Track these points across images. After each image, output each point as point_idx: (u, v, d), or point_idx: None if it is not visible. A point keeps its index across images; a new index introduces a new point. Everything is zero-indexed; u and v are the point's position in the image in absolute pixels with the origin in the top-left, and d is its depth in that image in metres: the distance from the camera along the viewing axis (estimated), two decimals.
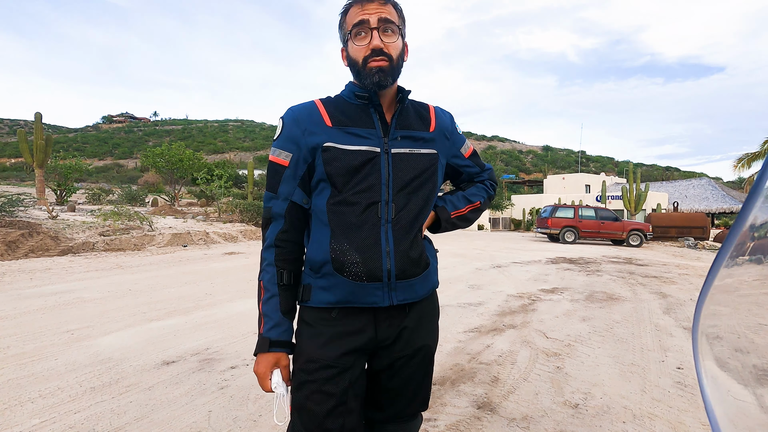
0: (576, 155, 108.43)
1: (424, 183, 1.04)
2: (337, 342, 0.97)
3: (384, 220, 0.97)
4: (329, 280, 0.97)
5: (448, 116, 1.15)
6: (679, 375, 2.73)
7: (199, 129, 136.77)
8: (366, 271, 0.95)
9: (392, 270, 0.96)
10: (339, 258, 0.95)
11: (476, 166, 1.21)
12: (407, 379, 1.06)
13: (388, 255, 0.96)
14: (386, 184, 0.98)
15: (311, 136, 0.99)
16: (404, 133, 1.03)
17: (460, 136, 1.17)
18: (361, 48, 0.97)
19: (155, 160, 23.14)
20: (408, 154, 1.02)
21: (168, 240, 10.36)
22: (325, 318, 0.99)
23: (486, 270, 7.67)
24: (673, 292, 5.77)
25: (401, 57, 1.00)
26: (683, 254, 12.87)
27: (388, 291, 0.97)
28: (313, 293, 1.00)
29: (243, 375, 2.57)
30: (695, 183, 34.94)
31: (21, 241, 7.97)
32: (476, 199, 1.19)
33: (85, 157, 65.04)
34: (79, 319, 3.75)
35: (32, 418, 2.00)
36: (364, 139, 0.99)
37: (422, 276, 1.03)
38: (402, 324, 1.02)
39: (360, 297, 0.97)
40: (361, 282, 0.95)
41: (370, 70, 0.96)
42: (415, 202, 1.02)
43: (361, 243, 0.96)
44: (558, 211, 16.96)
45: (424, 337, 1.07)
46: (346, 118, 1.01)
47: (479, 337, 3.48)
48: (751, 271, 0.58)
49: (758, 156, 21.50)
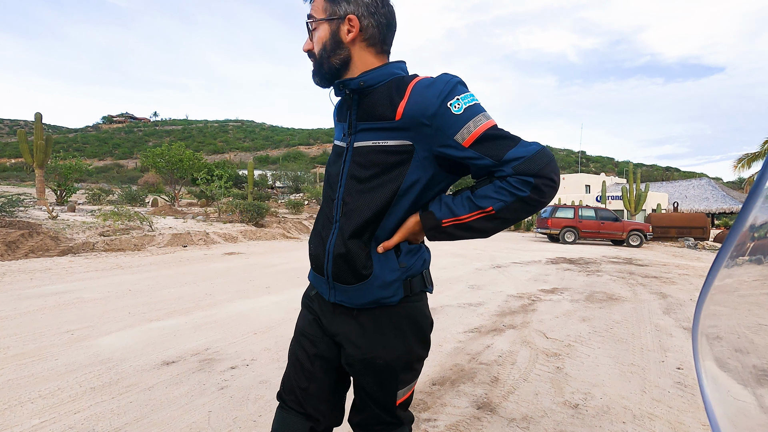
0: (576, 155, 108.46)
1: (387, 182, 0.90)
2: (308, 315, 1.09)
3: (335, 218, 0.97)
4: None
5: (435, 91, 0.85)
6: (679, 375, 2.73)
7: (199, 129, 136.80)
8: (315, 265, 1.03)
9: (329, 270, 0.97)
10: (309, 245, 1.07)
11: (486, 158, 0.85)
12: (367, 387, 1.01)
13: (327, 255, 0.97)
14: (340, 180, 0.96)
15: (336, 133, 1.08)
16: (365, 125, 0.93)
17: (453, 118, 0.84)
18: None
19: (155, 160, 23.14)
20: (370, 147, 0.91)
21: (168, 240, 10.36)
22: (308, 293, 1.11)
23: (486, 270, 7.67)
24: (673, 293, 5.77)
25: (326, 44, 0.97)
26: (683, 254, 12.86)
27: (328, 288, 1.00)
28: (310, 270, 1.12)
29: (243, 375, 2.57)
30: (695, 183, 34.93)
31: (21, 241, 7.97)
32: (487, 204, 0.86)
33: (85, 157, 65.09)
34: (79, 319, 3.75)
35: (32, 419, 2.00)
36: (340, 134, 1.02)
37: (356, 287, 0.93)
38: (344, 326, 0.99)
39: (317, 284, 1.05)
40: (315, 272, 1.04)
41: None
42: (368, 203, 0.90)
43: (317, 237, 1.03)
44: (558, 212, 16.95)
45: (379, 349, 0.96)
46: (340, 113, 1.05)
47: (479, 338, 3.48)
48: (751, 272, 0.58)
49: (758, 156, 21.49)
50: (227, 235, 12.33)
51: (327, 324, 1.03)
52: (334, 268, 0.96)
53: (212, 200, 20.79)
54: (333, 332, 1.02)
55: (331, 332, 1.02)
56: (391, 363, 0.97)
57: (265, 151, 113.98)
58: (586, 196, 32.96)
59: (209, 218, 15.54)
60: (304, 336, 1.06)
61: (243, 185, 30.78)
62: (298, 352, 1.07)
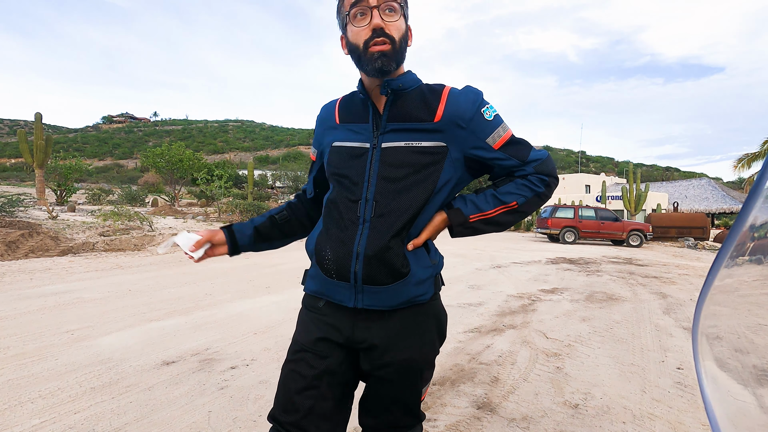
0: (576, 155, 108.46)
1: (421, 181, 0.93)
2: (315, 329, 0.99)
3: (362, 219, 0.93)
4: (315, 270, 1.02)
5: (469, 98, 0.96)
6: (679, 375, 2.73)
7: (199, 129, 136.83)
8: (335, 269, 0.94)
9: (359, 273, 0.91)
10: (320, 252, 0.98)
11: (512, 158, 0.98)
12: (392, 390, 0.99)
13: (357, 257, 0.91)
14: (368, 180, 0.94)
15: (326, 136, 1.05)
16: (398, 126, 0.95)
17: (486, 123, 0.96)
18: (360, 30, 0.90)
19: (155, 160, 23.14)
20: (403, 147, 0.94)
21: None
22: (313, 305, 1.02)
23: (486, 270, 7.67)
24: (673, 293, 5.77)
25: (404, 40, 0.94)
26: (683, 254, 12.87)
27: (353, 293, 0.94)
28: (306, 278, 1.06)
29: (243, 375, 2.57)
30: (695, 183, 34.93)
31: (21, 241, 7.97)
32: (511, 199, 0.98)
33: (85, 157, 65.10)
34: (79, 319, 3.75)
35: (32, 419, 2.00)
36: (357, 134, 0.98)
37: (392, 286, 0.93)
38: (377, 331, 0.96)
39: (331, 292, 0.98)
40: (332, 279, 0.96)
41: (372, 55, 0.89)
42: (402, 203, 0.92)
43: (335, 240, 0.95)
44: (558, 212, 16.94)
45: (405, 350, 0.97)
46: (349, 114, 1.01)
47: (479, 338, 3.48)
48: (751, 272, 0.58)
49: (758, 156, 21.50)
50: None
51: (348, 333, 0.96)
52: (367, 270, 0.91)
53: (212, 200, 20.79)
54: (358, 340, 0.96)
55: (356, 340, 0.96)
56: (420, 362, 0.99)
57: (265, 151, 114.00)
58: (586, 196, 32.96)
59: (209, 218, 15.54)
60: (309, 351, 0.97)
61: (243, 185, 30.78)
62: (301, 370, 0.96)
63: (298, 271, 6.86)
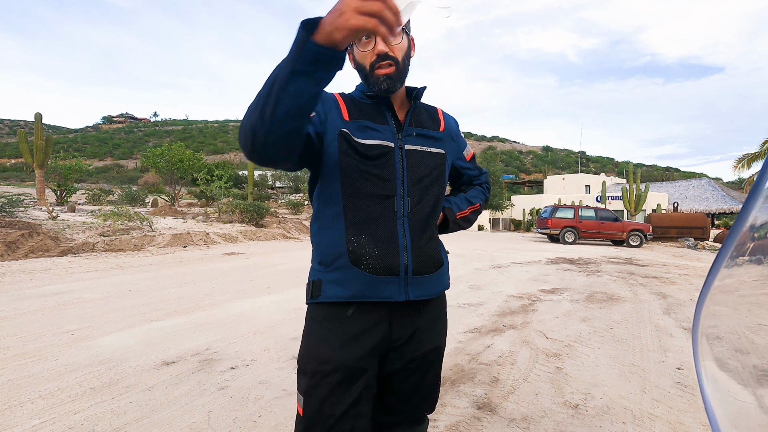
0: (576, 155, 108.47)
1: (435, 181, 1.05)
2: (353, 343, 0.94)
3: (400, 214, 0.98)
4: (343, 273, 0.95)
5: (453, 120, 1.19)
6: (679, 375, 2.73)
7: (199, 129, 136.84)
8: (383, 265, 0.94)
9: (409, 265, 0.96)
10: (356, 250, 0.94)
11: (475, 169, 1.25)
12: (419, 381, 1.05)
13: (405, 249, 0.96)
14: (401, 178, 0.99)
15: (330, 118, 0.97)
16: (418, 131, 1.05)
17: (463, 140, 1.22)
18: (366, 54, 0.95)
19: (155, 160, 23.13)
20: (420, 151, 1.03)
21: (168, 240, 10.36)
22: (338, 316, 0.96)
23: (486, 270, 7.67)
24: (673, 293, 5.77)
25: (407, 56, 0.99)
26: (683, 255, 12.86)
27: (404, 286, 0.97)
28: (324, 288, 0.97)
29: (243, 375, 2.57)
30: (695, 183, 34.91)
31: (21, 241, 7.97)
32: (476, 201, 1.23)
33: (85, 157, 65.12)
34: (79, 319, 3.75)
35: (32, 419, 2.00)
36: (378, 133, 1.00)
37: (436, 274, 1.03)
38: (416, 323, 1.02)
39: (376, 291, 0.95)
40: (378, 275, 0.94)
41: (378, 78, 0.95)
42: (428, 199, 1.03)
43: (378, 236, 0.95)
44: (558, 212, 16.95)
45: (435, 338, 1.07)
46: (361, 113, 1.01)
47: (479, 338, 3.48)
48: (752, 272, 0.58)
49: (758, 156, 21.51)
50: (227, 235, 12.34)
51: (385, 334, 0.97)
52: (417, 260, 0.97)
53: (212, 200, 20.79)
54: (395, 338, 0.98)
55: (392, 339, 0.98)
56: (443, 348, 1.11)
57: None
58: (586, 196, 32.97)
59: (209, 218, 15.54)
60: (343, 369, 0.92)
61: (243, 185, 30.78)
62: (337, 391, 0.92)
63: (297, 271, 6.86)
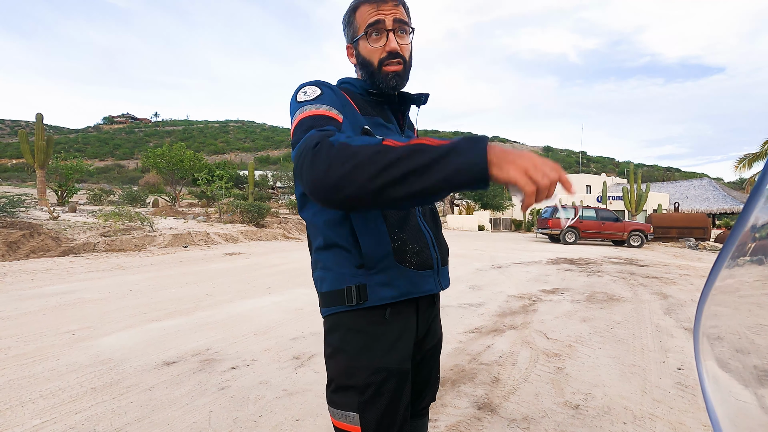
0: (577, 156, 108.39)
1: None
2: (396, 345, 0.93)
3: (419, 212, 1.03)
4: (389, 274, 0.92)
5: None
6: (679, 376, 2.72)
7: (199, 130, 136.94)
8: (422, 260, 0.98)
9: (438, 257, 1.02)
10: (401, 248, 0.94)
11: None
12: (430, 371, 1.12)
13: (431, 243, 1.01)
14: None
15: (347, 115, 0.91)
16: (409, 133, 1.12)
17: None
18: (376, 50, 0.95)
19: (156, 160, 23.16)
20: None
21: (169, 241, 10.37)
22: (377, 321, 0.92)
23: (486, 270, 7.66)
24: (673, 293, 5.77)
25: (412, 58, 1.01)
26: (684, 255, 12.85)
27: (437, 278, 1.01)
28: (370, 292, 0.91)
29: (243, 376, 2.57)
30: (696, 183, 34.86)
31: (22, 241, 7.98)
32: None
33: (86, 157, 65.15)
34: (80, 319, 3.75)
35: (33, 419, 2.00)
36: (390, 132, 1.01)
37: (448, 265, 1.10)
38: (431, 315, 1.08)
39: (419, 286, 0.97)
40: (419, 270, 0.97)
41: (386, 74, 0.96)
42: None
43: (413, 232, 0.98)
44: (559, 212, 16.94)
45: (440, 328, 1.16)
46: (368, 110, 0.99)
47: (480, 338, 3.48)
48: (753, 272, 0.58)
49: (759, 156, 21.48)
50: (228, 235, 12.34)
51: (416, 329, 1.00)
52: (440, 252, 1.04)
53: (213, 201, 20.81)
54: (422, 331, 1.04)
55: (420, 333, 1.03)
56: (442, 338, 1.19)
57: (266, 152, 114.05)
58: (587, 196, 32.95)
59: (210, 219, 15.56)
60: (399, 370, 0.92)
61: (244, 186, 30.80)
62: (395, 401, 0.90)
63: (297, 271, 6.86)
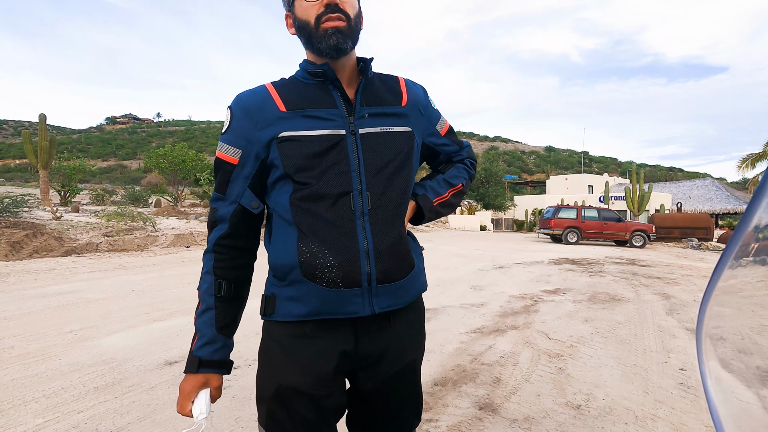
0: (579, 156, 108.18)
1: (401, 167, 0.89)
2: (315, 366, 0.84)
3: (359, 213, 0.82)
4: (298, 289, 0.83)
5: (421, 89, 1.00)
6: (682, 376, 2.72)
7: (202, 130, 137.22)
8: (342, 276, 0.80)
9: (372, 272, 0.82)
10: (309, 261, 0.81)
11: (454, 144, 1.05)
12: (400, 398, 0.94)
13: (367, 255, 0.82)
14: (356, 170, 0.84)
15: (264, 129, 0.84)
16: (373, 110, 0.88)
17: (435, 111, 1.02)
18: (312, 5, 0.82)
19: (158, 161, 23.24)
20: (379, 133, 0.88)
21: (171, 241, 10.39)
22: (297, 335, 0.85)
23: (488, 271, 7.65)
24: (676, 293, 5.75)
25: (358, 18, 0.87)
26: (687, 255, 12.81)
27: (368, 297, 0.83)
28: (278, 305, 0.86)
29: (245, 375, 2.58)
30: (699, 183, 34.73)
31: (25, 241, 8.01)
32: (458, 182, 1.04)
33: (89, 158, 65.39)
34: (83, 319, 3.77)
35: (36, 418, 2.01)
36: (325, 121, 0.84)
37: (407, 279, 0.88)
38: (386, 338, 0.89)
39: (336, 306, 0.82)
40: (337, 288, 0.81)
41: (325, 31, 0.81)
42: (393, 190, 0.87)
43: (334, 242, 0.81)
44: (561, 212, 16.90)
45: (412, 349, 0.94)
46: (302, 99, 0.86)
47: (481, 338, 3.47)
48: (756, 273, 0.58)
49: (762, 156, 21.40)
50: None
51: (350, 351, 0.86)
52: (381, 267, 0.83)
53: None
54: (362, 356, 0.87)
55: (360, 357, 0.87)
56: (420, 359, 0.98)
57: None
58: (589, 196, 32.88)
59: None
60: (306, 395, 0.83)
61: None
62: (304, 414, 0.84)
63: None
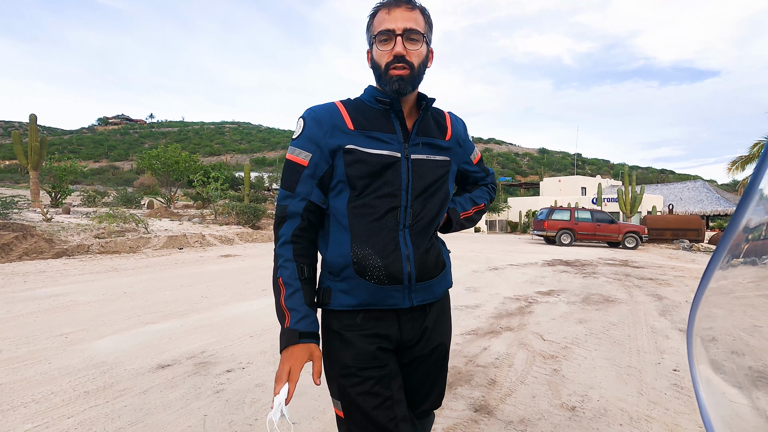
0: (572, 158, 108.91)
1: (439, 189, 1.08)
2: (367, 346, 1.00)
3: (402, 225, 1.00)
4: (350, 283, 1.00)
5: (462, 124, 1.20)
6: (675, 377, 2.74)
7: (195, 131, 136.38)
8: (387, 275, 0.98)
9: (412, 273, 1.00)
10: (361, 262, 0.98)
11: (482, 172, 1.29)
12: (424, 375, 1.11)
13: (407, 259, 0.99)
14: (406, 189, 1.01)
15: (333, 138, 1.00)
16: (425, 140, 1.06)
17: (470, 144, 1.23)
18: (383, 53, 0.99)
19: (151, 162, 23.05)
20: (425, 160, 1.05)
21: (164, 242, 10.31)
22: (350, 324, 1.01)
23: (483, 272, 7.67)
24: (668, 294, 5.80)
25: (424, 64, 1.02)
26: (678, 256, 12.93)
27: (408, 293, 1.01)
28: (333, 296, 1.02)
29: (239, 379, 2.56)
30: (690, 185, 35.08)
31: (15, 243, 7.90)
32: (481, 201, 1.29)
33: (81, 159, 64.67)
34: (74, 322, 3.72)
35: (25, 423, 1.97)
36: (385, 144, 1.01)
37: (439, 277, 1.08)
38: (423, 324, 1.07)
39: (380, 299, 0.99)
40: (382, 285, 0.98)
41: (390, 77, 0.98)
42: (430, 208, 1.05)
43: (382, 248, 0.98)
44: (554, 214, 17.01)
45: (441, 335, 1.13)
46: (368, 121, 1.02)
47: (476, 340, 3.48)
48: (746, 273, 0.58)
49: (751, 159, 21.67)
50: (223, 237, 12.29)
51: (396, 337, 1.03)
52: (420, 267, 1.01)
53: (208, 202, 20.70)
54: (406, 339, 1.05)
55: (404, 340, 1.05)
56: (448, 345, 1.17)
57: (262, 153, 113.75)
58: (582, 198, 33.11)
59: (205, 220, 15.48)
60: (369, 368, 0.98)
61: (239, 187, 30.66)
62: (371, 388, 0.97)
63: None
